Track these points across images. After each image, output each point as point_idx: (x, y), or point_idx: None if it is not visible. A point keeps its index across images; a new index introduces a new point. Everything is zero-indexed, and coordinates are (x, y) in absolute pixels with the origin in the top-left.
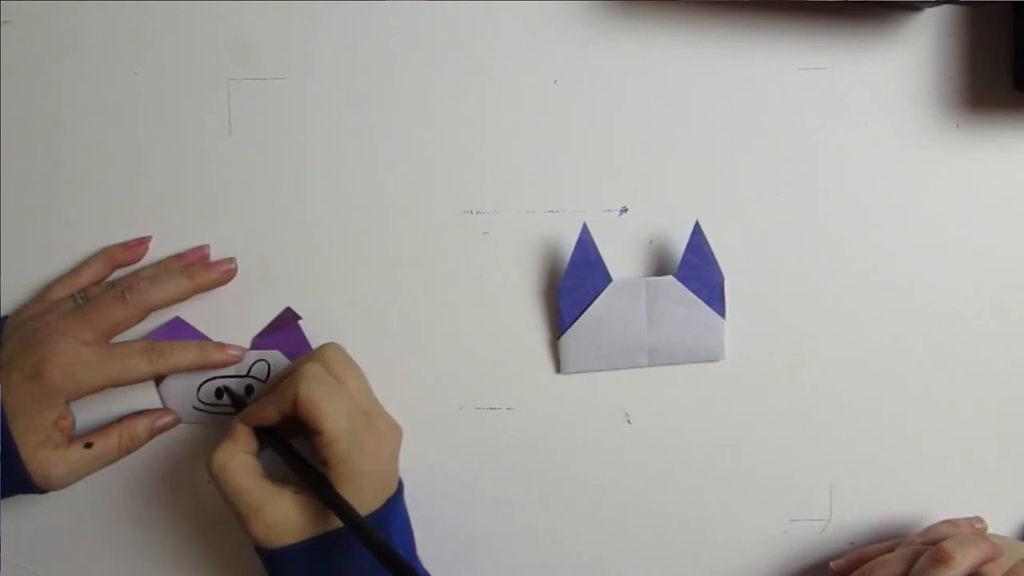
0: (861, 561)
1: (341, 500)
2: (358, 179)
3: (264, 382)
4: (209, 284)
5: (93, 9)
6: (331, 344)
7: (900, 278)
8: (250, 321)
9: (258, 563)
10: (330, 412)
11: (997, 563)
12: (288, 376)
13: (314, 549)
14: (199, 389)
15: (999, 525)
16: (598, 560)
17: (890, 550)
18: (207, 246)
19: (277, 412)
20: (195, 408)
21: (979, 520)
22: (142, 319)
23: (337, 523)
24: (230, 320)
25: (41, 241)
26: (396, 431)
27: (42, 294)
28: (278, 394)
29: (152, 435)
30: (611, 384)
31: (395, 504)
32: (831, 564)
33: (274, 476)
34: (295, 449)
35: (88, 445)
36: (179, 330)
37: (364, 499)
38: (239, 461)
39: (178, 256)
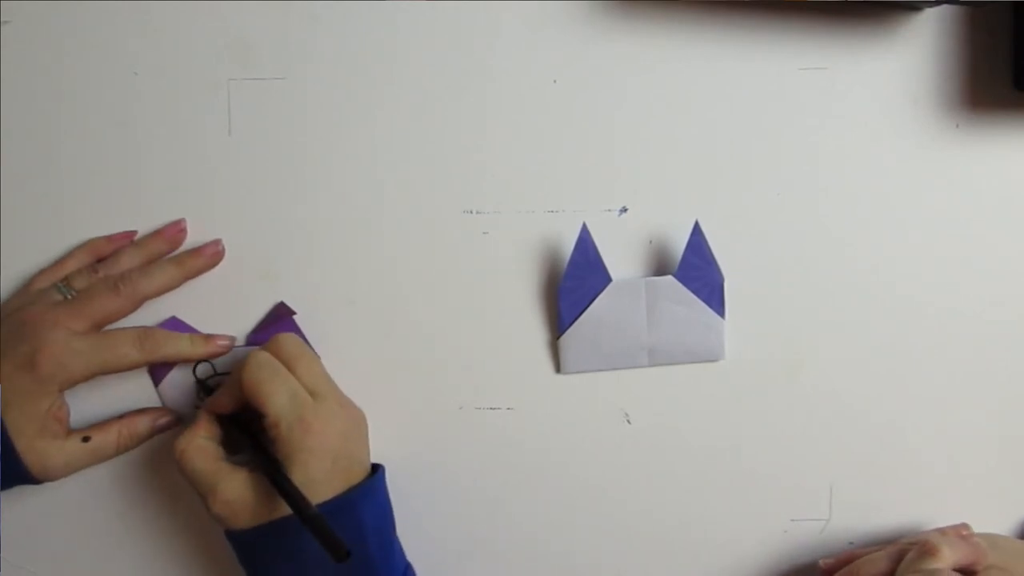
0: (850, 561)
1: (286, 479)
2: (358, 179)
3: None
4: (199, 269)
5: (93, 9)
6: (284, 334)
7: (900, 278)
8: (250, 321)
9: None
10: (270, 393)
11: (981, 563)
12: (237, 368)
13: (272, 532)
14: (198, 388)
15: (998, 525)
16: (598, 560)
17: (879, 551)
18: (183, 220)
19: (230, 398)
20: (195, 407)
21: (965, 527)
22: (134, 310)
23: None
24: (230, 320)
25: (42, 240)
26: (350, 412)
27: (26, 286)
28: (230, 382)
29: (151, 434)
30: (611, 384)
31: (365, 491)
32: (820, 562)
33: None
34: (255, 436)
35: (86, 439)
36: (175, 329)
37: (312, 480)
38: (196, 445)
39: (157, 233)
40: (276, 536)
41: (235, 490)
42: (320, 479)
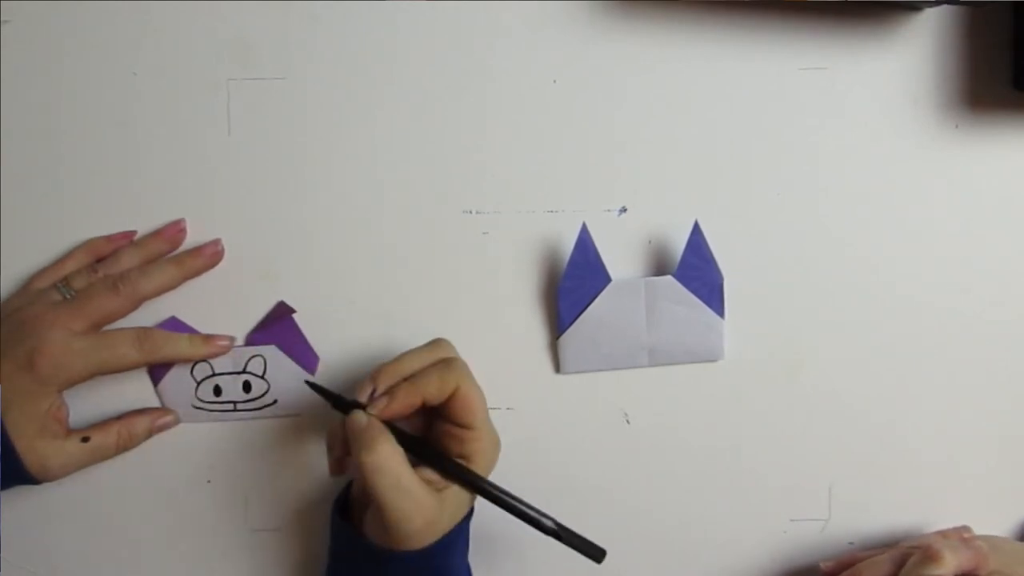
0: (851, 564)
1: (492, 484)
2: (358, 179)
3: (262, 377)
4: (198, 269)
5: (93, 9)
6: (449, 342)
7: (900, 278)
8: (250, 321)
9: (255, 563)
10: (484, 409)
11: (984, 567)
12: (433, 368)
13: (448, 545)
14: (197, 388)
15: (997, 525)
16: None
17: (881, 554)
18: (183, 220)
19: (421, 399)
20: (194, 407)
21: (966, 529)
22: (134, 309)
23: (456, 520)
24: (230, 320)
25: (42, 240)
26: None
27: (25, 286)
28: (430, 383)
29: (151, 434)
30: (611, 384)
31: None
32: (821, 565)
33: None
34: (424, 441)
35: (85, 439)
36: (175, 329)
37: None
38: (401, 456)
39: (157, 233)
40: (449, 549)
41: (437, 508)
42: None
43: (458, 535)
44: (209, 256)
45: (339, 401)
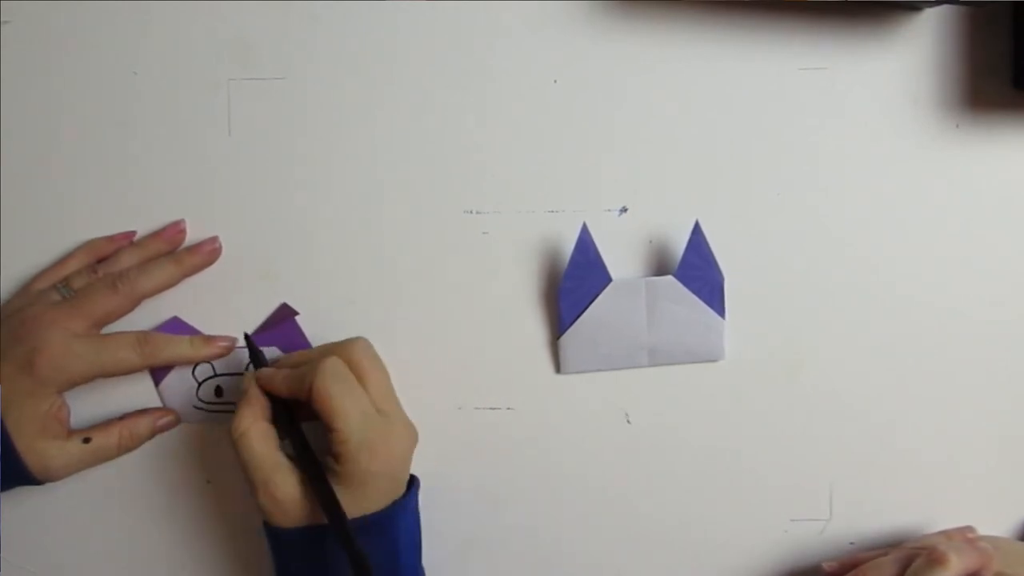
0: (854, 565)
1: (333, 498)
2: (358, 179)
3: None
4: (197, 267)
5: (93, 9)
6: (359, 339)
7: (900, 278)
8: (250, 321)
9: (255, 563)
10: (344, 410)
11: (989, 568)
12: (308, 361)
13: (312, 538)
14: (199, 388)
15: (998, 525)
16: (598, 560)
17: (884, 555)
18: (183, 220)
19: (287, 390)
20: (195, 407)
21: (970, 529)
22: (133, 308)
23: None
24: (230, 320)
25: (41, 240)
26: (411, 434)
27: (26, 287)
28: (295, 376)
29: (152, 434)
30: (611, 384)
31: (403, 506)
32: (824, 565)
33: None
34: (303, 435)
35: (87, 440)
36: (177, 329)
37: (367, 500)
38: (259, 429)
39: (157, 234)
40: (316, 541)
41: (288, 488)
42: (373, 498)
43: (364, 525)
44: (207, 253)
45: (256, 359)
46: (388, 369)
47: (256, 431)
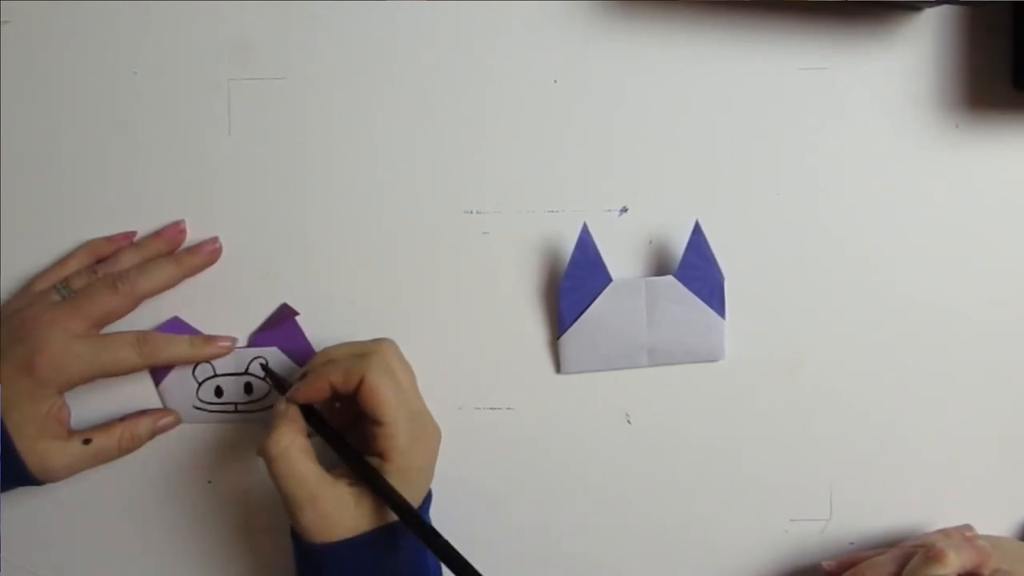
0: (853, 564)
1: (397, 493)
2: (358, 179)
3: (263, 379)
4: (197, 267)
5: (93, 9)
6: (389, 340)
7: (900, 278)
8: (250, 321)
9: (255, 563)
10: (395, 404)
11: (987, 566)
12: (332, 360)
13: (363, 545)
14: (199, 389)
15: (998, 525)
16: (598, 560)
17: (883, 554)
18: (183, 221)
19: (329, 387)
20: (195, 408)
21: (969, 528)
22: (133, 308)
23: (384, 520)
24: (230, 320)
25: (41, 240)
26: (439, 431)
27: (26, 288)
28: (337, 370)
29: (153, 435)
30: (611, 384)
31: (427, 503)
32: (823, 563)
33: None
34: (344, 438)
35: (87, 441)
36: (177, 329)
37: (412, 494)
38: (300, 445)
39: (157, 234)
40: (368, 547)
41: (338, 504)
42: (414, 494)
43: (389, 534)
44: (207, 254)
45: (280, 386)
46: None
47: (296, 447)
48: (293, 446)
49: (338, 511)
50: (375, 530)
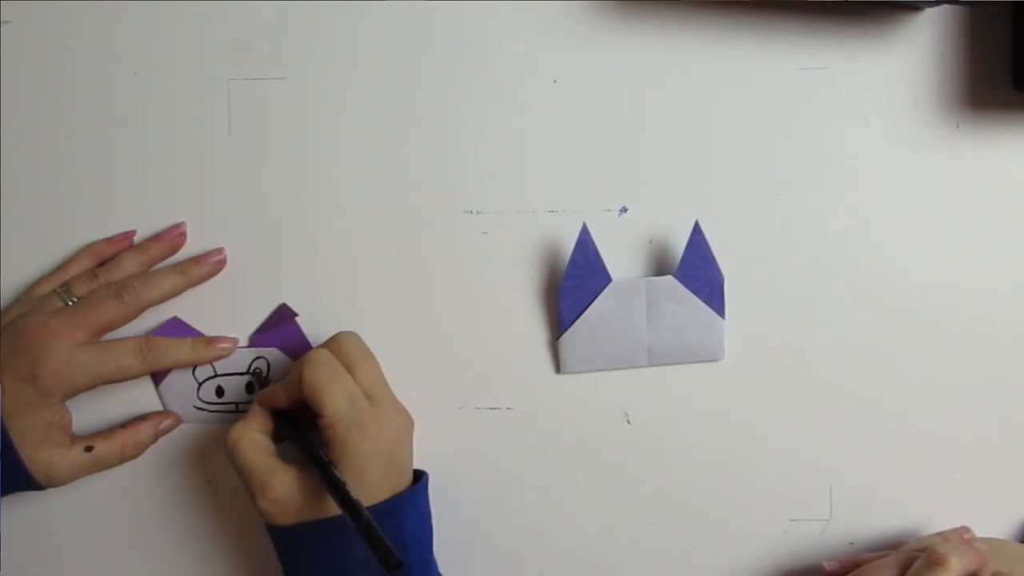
0: (855, 565)
1: (338, 481)
2: (358, 179)
3: (264, 379)
4: (201, 277)
5: (93, 9)
6: (346, 332)
7: (900, 278)
8: (250, 321)
9: (255, 563)
10: (330, 393)
11: (986, 568)
12: (297, 362)
13: (316, 531)
14: (199, 389)
15: (998, 525)
16: (598, 560)
17: (885, 557)
18: (183, 223)
19: (286, 395)
20: (195, 408)
21: (966, 530)
22: (136, 317)
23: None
24: (230, 320)
25: (41, 240)
26: (404, 419)
27: (27, 292)
28: (288, 378)
29: (155, 439)
30: (611, 384)
31: (409, 498)
32: (824, 564)
33: (287, 457)
34: (305, 433)
35: (89, 448)
36: (177, 330)
37: (365, 485)
38: (249, 438)
39: (157, 237)
40: (320, 535)
41: (285, 487)
42: (371, 484)
43: (338, 525)
44: (213, 264)
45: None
46: (388, 369)
47: (246, 439)
48: (243, 438)
49: (286, 496)
50: (325, 519)
